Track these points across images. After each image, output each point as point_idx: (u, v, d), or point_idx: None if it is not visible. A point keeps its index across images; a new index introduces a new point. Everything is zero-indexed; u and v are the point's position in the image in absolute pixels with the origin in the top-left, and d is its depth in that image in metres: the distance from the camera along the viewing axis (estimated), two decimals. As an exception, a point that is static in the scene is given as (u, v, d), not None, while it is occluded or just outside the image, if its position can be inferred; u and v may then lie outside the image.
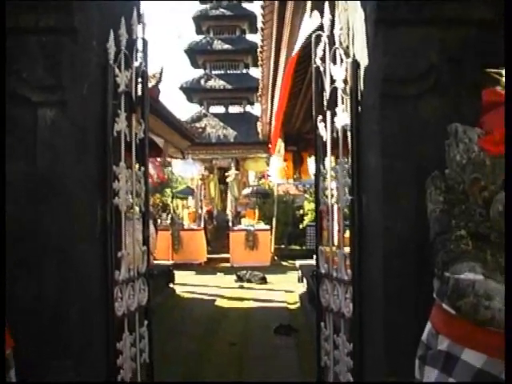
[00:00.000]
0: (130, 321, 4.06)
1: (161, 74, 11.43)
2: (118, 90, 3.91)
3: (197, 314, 9.92)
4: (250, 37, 25.17)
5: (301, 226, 18.79)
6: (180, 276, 13.59)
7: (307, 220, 18.24)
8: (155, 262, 13.58)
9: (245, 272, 14.08)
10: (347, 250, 3.79)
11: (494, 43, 3.09)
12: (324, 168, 4.07)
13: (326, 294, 4.03)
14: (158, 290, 10.87)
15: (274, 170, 16.73)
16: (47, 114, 3.38)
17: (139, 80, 4.31)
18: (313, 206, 4.04)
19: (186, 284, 13.16)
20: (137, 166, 4.25)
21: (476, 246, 2.47)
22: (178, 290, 12.28)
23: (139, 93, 4.32)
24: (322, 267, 4.11)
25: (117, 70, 3.88)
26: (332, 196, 3.96)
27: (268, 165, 19.46)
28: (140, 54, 4.32)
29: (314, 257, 4.32)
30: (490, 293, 2.31)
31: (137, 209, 4.23)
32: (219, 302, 11.07)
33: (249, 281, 13.67)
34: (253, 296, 11.74)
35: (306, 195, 20.24)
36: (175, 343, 7.63)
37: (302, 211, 19.60)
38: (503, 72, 2.58)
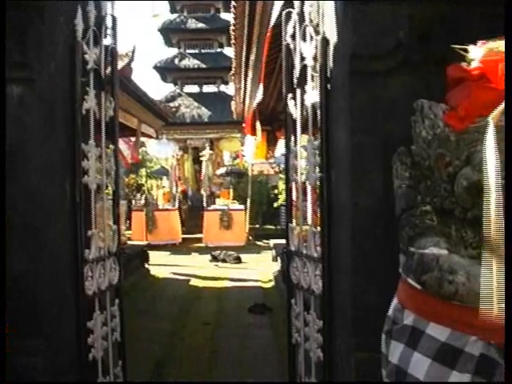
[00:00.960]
0: (101, 300, 4.05)
1: (133, 52, 11.33)
2: (87, 67, 3.87)
3: (171, 293, 9.95)
4: (224, 16, 25.05)
5: (275, 206, 18.84)
6: (155, 256, 13.60)
7: (282, 199, 18.31)
8: (130, 242, 13.57)
9: (219, 252, 14.14)
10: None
11: (462, 20, 3.10)
12: (294, 146, 4.07)
13: (296, 272, 4.04)
14: (133, 270, 10.87)
15: (248, 150, 16.72)
16: (14, 91, 3.33)
17: (109, 58, 4.26)
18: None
19: (161, 264, 13.19)
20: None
21: (441, 221, 2.49)
22: (153, 270, 12.29)
23: (109, 71, 4.27)
24: (292, 245, 4.12)
25: (85, 47, 3.83)
26: (302, 174, 3.97)
27: (242, 144, 19.45)
28: (110, 32, 4.27)
29: (288, 235, 4.32)
30: (453, 267, 2.33)
31: (107, 188, 4.21)
32: (194, 282, 11.11)
33: (223, 260, 13.73)
34: (227, 276, 11.80)
35: (281, 175, 20.28)
36: (149, 323, 7.65)
37: (276, 191, 19.64)
38: (469, 48, 2.59)
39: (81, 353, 3.77)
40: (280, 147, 13.99)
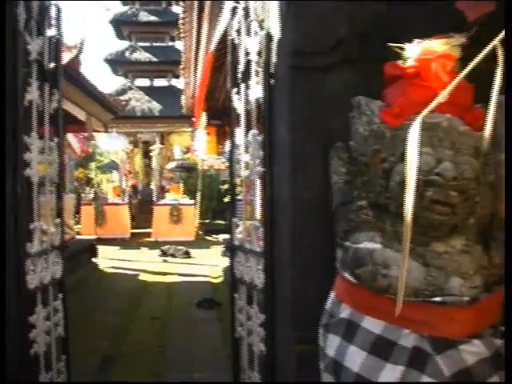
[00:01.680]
0: (43, 294, 4.00)
1: (82, 44, 11.16)
2: (29, 58, 3.80)
3: (120, 288, 9.87)
4: (176, 9, 24.86)
5: (225, 201, 18.84)
6: (104, 251, 13.46)
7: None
8: (78, 236, 13.41)
9: (169, 247, 14.05)
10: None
11: (402, 18, 3.15)
12: (238, 141, 4.08)
13: (240, 266, 4.06)
14: (81, 264, 10.75)
15: (199, 145, 16.68)
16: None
17: (53, 49, 4.19)
18: (237, 180, 4.08)
19: (110, 259, 13.05)
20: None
21: (376, 216, 2.54)
22: (102, 264, 12.17)
23: (53, 62, 4.20)
24: (235, 239, 4.14)
25: (27, 38, 3.77)
26: (246, 168, 3.98)
27: (193, 139, 19.38)
28: (54, 22, 4.20)
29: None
30: (387, 261, 2.38)
31: (50, 180, 4.15)
32: (143, 277, 11.04)
33: (173, 255, 13.65)
34: (176, 270, 11.75)
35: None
36: (97, 317, 7.59)
37: (226, 186, 19.63)
38: (405, 46, 2.64)
39: (23, 348, 3.71)
40: (230, 142, 13.97)
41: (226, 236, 12.35)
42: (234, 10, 4.11)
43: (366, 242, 2.47)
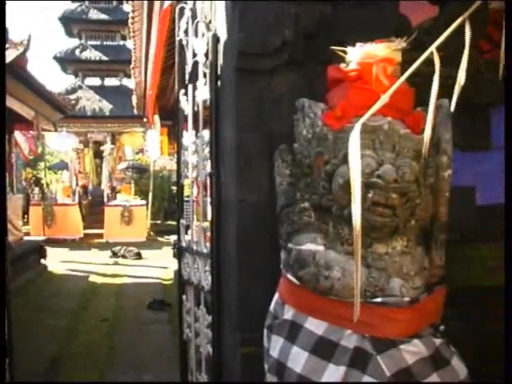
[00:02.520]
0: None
1: (29, 41, 10.91)
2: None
3: (69, 290, 9.77)
4: (127, 7, 24.57)
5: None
6: (53, 252, 13.28)
7: (184, 195, 18.19)
8: (27, 237, 13.20)
9: (120, 248, 13.95)
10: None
11: (348, 21, 3.19)
12: (186, 142, 4.07)
13: (187, 268, 4.05)
14: (29, 266, 10.59)
15: (151, 145, 16.59)
16: None
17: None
18: (189, 181, 4.07)
19: (60, 260, 12.89)
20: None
21: (318, 218, 2.56)
22: (51, 266, 12.01)
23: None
24: (183, 241, 4.12)
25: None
26: (193, 170, 3.97)
27: (145, 139, 19.26)
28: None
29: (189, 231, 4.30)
30: (329, 263, 2.40)
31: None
32: (93, 279, 10.94)
33: (124, 256, 13.56)
34: (127, 272, 11.68)
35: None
36: (45, 320, 7.51)
37: (178, 186, 19.54)
38: (347, 49, 2.67)
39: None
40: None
41: (178, 237, 12.37)
42: (181, 11, 4.09)
43: (308, 243, 2.49)
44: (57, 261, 12.69)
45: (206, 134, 3.76)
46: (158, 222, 19.30)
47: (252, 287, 3.19)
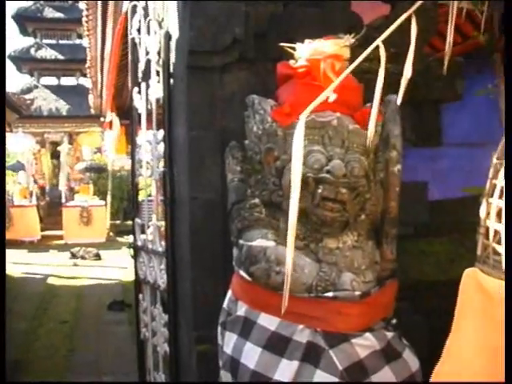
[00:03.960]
0: None
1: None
2: None
3: (27, 293, 9.63)
4: (83, 5, 24.31)
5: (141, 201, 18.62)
6: (10, 254, 13.05)
7: (143, 195, 18.09)
8: (-19, 240, 12.95)
9: (79, 249, 13.77)
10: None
11: (298, 19, 3.21)
12: (140, 140, 4.05)
13: (143, 267, 4.04)
14: (-16, 269, 10.40)
15: (109, 145, 16.45)
16: None
17: None
18: (149, 181, 4.04)
19: (17, 263, 12.67)
20: None
21: (269, 214, 2.57)
22: (8, 269, 11.82)
23: None
24: (138, 240, 4.11)
25: None
26: (147, 168, 3.96)
27: (103, 139, 19.10)
28: None
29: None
30: (280, 258, 2.41)
31: None
32: (51, 281, 10.80)
33: (83, 258, 13.39)
34: (87, 273, 11.56)
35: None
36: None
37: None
38: (296, 46, 2.69)
39: None
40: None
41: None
42: (133, 9, 4.07)
43: (259, 239, 2.49)
44: (15, 263, 12.49)
45: (159, 132, 3.75)
46: (118, 222, 19.12)
47: (206, 285, 3.19)
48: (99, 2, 7.64)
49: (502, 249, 1.86)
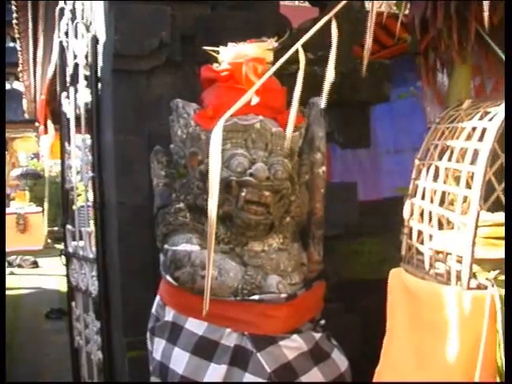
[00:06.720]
0: None
1: None
2: None
3: (-40, 306, 9.38)
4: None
5: (74, 208, 18.33)
6: None
7: (81, 200, 17.82)
8: None
9: (15, 257, 13.50)
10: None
11: (225, 22, 3.21)
12: (69, 146, 3.99)
13: (75, 274, 3.98)
14: None
15: (45, 150, 16.18)
16: None
17: None
18: (81, 187, 4.00)
19: (-51, 273, 12.36)
20: None
21: (194, 218, 2.57)
22: None
23: None
24: (69, 246, 4.05)
25: None
26: (77, 173, 3.90)
27: (39, 145, 18.77)
28: None
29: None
30: (205, 262, 2.40)
31: None
32: (-14, 291, 10.54)
33: (20, 266, 13.13)
34: (23, 282, 11.35)
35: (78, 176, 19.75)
36: None
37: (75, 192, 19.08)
38: (219, 49, 2.69)
39: None
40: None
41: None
42: (61, 11, 4.01)
43: (183, 244, 2.49)
44: None
45: (88, 137, 3.70)
46: (55, 228, 18.79)
47: (135, 290, 3.16)
48: (29, 3, 7.47)
49: (424, 248, 1.90)
